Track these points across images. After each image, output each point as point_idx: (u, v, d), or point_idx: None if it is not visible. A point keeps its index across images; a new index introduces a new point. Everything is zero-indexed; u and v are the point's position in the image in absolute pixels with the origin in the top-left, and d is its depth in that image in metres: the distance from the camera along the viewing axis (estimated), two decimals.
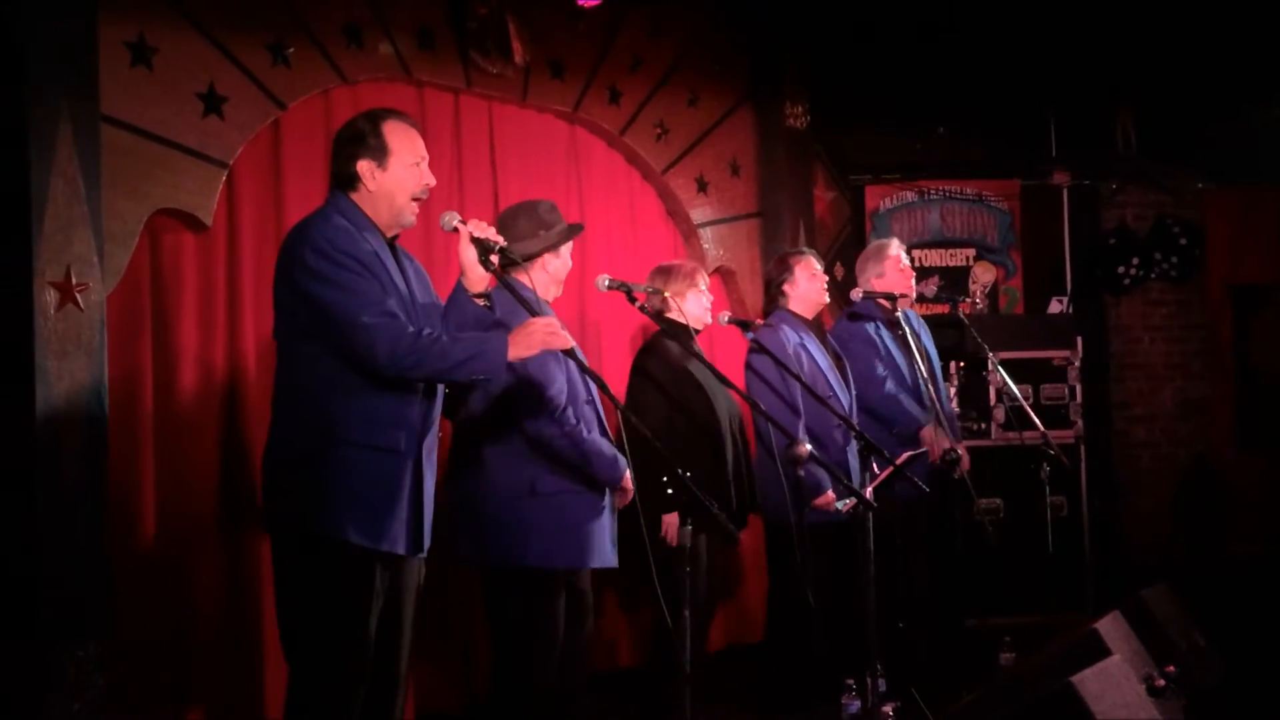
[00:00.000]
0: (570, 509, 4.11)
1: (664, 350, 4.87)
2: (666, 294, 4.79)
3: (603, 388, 3.49)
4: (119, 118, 4.20)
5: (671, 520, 4.60)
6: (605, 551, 4.21)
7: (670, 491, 4.54)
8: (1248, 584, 6.81)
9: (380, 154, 3.39)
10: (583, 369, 3.68)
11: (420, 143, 3.47)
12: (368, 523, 3.25)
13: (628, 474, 4.19)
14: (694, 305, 4.92)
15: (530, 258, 4.13)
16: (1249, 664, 5.27)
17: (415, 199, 3.45)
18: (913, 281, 5.75)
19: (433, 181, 3.49)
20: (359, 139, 3.42)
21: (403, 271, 3.48)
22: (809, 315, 5.41)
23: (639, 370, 4.89)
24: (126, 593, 4.17)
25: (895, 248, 5.71)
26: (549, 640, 4.13)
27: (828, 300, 5.49)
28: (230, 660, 4.47)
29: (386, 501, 3.30)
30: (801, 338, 5.24)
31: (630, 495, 4.25)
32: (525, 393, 4.07)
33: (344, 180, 3.42)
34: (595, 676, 5.26)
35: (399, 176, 3.41)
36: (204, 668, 4.40)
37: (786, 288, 5.39)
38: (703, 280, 5.00)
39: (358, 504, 3.24)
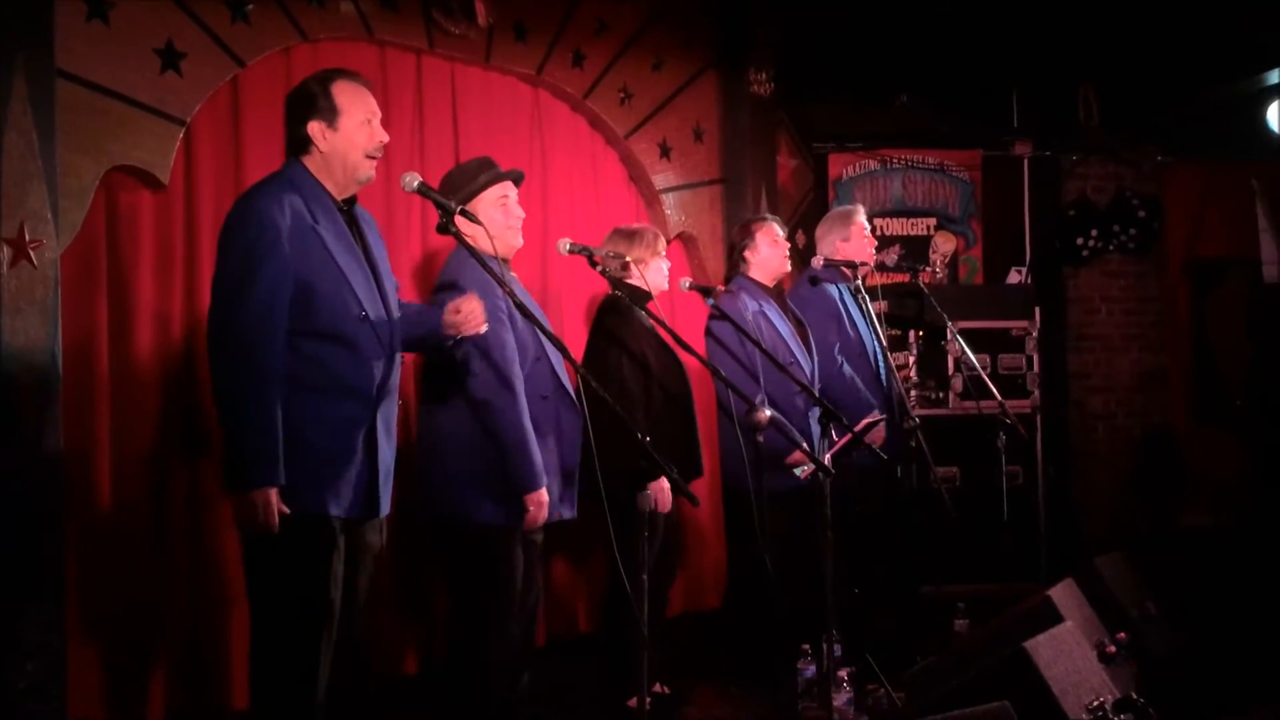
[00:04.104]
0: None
1: (630, 312, 4.84)
2: (629, 259, 4.78)
3: (565, 354, 3.48)
4: (74, 73, 4.12)
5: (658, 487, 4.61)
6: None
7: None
8: (1199, 555, 6.91)
9: (330, 114, 3.38)
10: (548, 335, 3.66)
11: (371, 100, 3.46)
12: (323, 490, 3.24)
13: (540, 495, 4.11)
14: (655, 274, 4.91)
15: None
16: (1199, 632, 5.35)
17: (370, 156, 3.44)
18: (873, 251, 5.77)
19: (386, 138, 3.47)
20: (309, 101, 3.41)
21: (361, 237, 3.46)
22: (769, 282, 5.42)
23: (605, 333, 4.84)
24: (83, 554, 4.13)
25: (861, 215, 5.73)
26: (507, 598, 4.14)
27: (789, 268, 5.50)
28: (191, 622, 4.43)
29: (341, 469, 3.29)
30: (761, 305, 5.24)
31: (535, 518, 4.14)
32: (482, 357, 4.06)
33: (296, 144, 3.41)
34: (553, 643, 5.29)
35: (351, 136, 3.41)
36: (164, 630, 4.36)
37: (748, 254, 5.39)
38: (663, 247, 4.99)
39: (312, 471, 3.23)
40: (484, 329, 3.60)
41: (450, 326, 3.54)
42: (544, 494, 4.10)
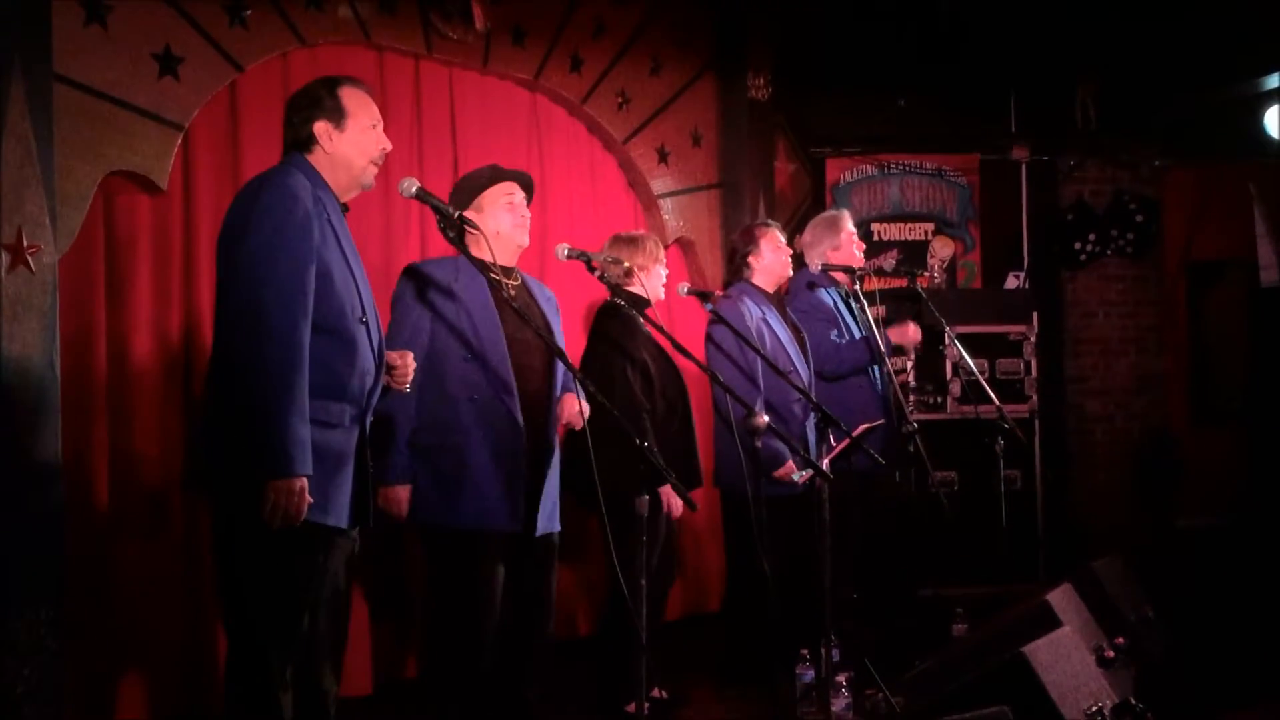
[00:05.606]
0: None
1: (632, 319, 4.79)
2: (627, 265, 4.76)
3: (563, 360, 3.48)
4: (72, 77, 4.13)
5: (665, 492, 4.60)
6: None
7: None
8: (1197, 557, 6.91)
9: (337, 116, 3.37)
10: (546, 342, 3.65)
11: (375, 108, 3.45)
12: (314, 495, 3.19)
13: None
14: (654, 281, 4.89)
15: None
16: (1197, 634, 5.35)
17: (373, 162, 3.43)
18: (861, 255, 5.77)
19: (389, 146, 3.46)
20: (315, 102, 3.39)
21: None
22: (771, 288, 5.41)
23: (608, 340, 4.80)
24: (79, 558, 4.13)
25: (848, 221, 5.72)
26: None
27: (790, 274, 5.50)
28: (185, 627, 4.44)
29: (331, 476, 3.24)
30: (764, 311, 5.24)
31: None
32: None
33: (300, 142, 3.39)
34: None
35: (356, 139, 3.39)
36: (159, 634, 4.37)
37: (751, 259, 5.38)
38: (663, 256, 4.98)
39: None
40: (406, 389, 3.58)
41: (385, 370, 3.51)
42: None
